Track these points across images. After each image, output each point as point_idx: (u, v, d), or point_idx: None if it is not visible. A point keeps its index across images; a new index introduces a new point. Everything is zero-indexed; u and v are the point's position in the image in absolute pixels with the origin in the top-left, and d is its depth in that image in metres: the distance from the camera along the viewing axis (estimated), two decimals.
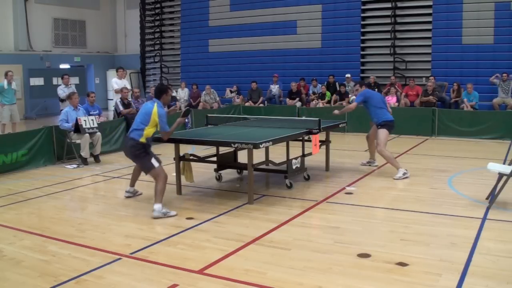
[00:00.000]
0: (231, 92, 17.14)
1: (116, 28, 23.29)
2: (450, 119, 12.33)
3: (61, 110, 10.47)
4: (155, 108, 5.89)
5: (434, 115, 12.38)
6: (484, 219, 5.54)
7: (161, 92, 6.07)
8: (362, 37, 16.18)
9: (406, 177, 7.68)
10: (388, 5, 15.58)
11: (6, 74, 12.53)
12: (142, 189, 7.44)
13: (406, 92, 14.06)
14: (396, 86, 14.35)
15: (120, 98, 11.67)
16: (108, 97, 20.85)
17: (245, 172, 7.68)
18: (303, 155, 7.29)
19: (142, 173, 6.43)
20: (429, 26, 15.04)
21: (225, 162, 7.63)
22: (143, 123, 5.93)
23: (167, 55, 20.62)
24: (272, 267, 4.27)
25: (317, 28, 16.74)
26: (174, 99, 14.76)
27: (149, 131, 5.97)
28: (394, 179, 7.64)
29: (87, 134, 9.29)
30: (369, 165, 8.73)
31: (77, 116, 9.39)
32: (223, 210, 6.04)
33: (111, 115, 14.50)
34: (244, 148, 6.16)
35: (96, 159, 9.62)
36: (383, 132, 7.98)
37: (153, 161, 5.94)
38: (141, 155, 5.98)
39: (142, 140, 5.94)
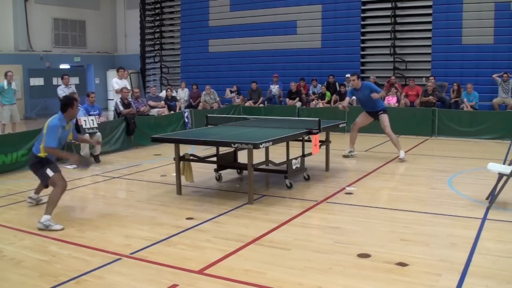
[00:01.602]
0: (231, 92, 17.13)
1: (116, 28, 23.29)
2: (450, 119, 12.33)
3: None
4: (49, 120, 5.65)
5: (434, 115, 12.38)
6: (484, 219, 5.54)
7: (66, 105, 5.69)
8: (362, 37, 16.18)
9: (405, 160, 8.91)
10: (388, 5, 15.58)
11: (6, 74, 12.53)
12: (142, 188, 7.46)
13: (406, 92, 14.05)
14: (396, 86, 14.36)
15: (120, 98, 11.67)
16: (108, 97, 20.85)
17: (245, 172, 7.68)
18: (303, 155, 7.29)
19: None
20: (429, 26, 15.04)
21: (225, 162, 7.63)
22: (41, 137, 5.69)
23: (167, 55, 20.62)
24: (272, 267, 4.27)
25: (317, 28, 16.74)
26: (174, 99, 14.76)
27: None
28: (400, 158, 8.93)
29: (87, 134, 9.29)
30: (351, 156, 9.40)
31: (77, 116, 9.38)
32: (223, 210, 6.05)
33: (111, 115, 14.51)
34: (244, 148, 6.16)
35: (96, 159, 9.62)
36: (386, 117, 9.08)
37: (48, 171, 5.63)
38: (36, 167, 5.71)
39: (41, 154, 5.65)
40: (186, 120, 13.22)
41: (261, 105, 15.59)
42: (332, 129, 8.80)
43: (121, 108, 11.52)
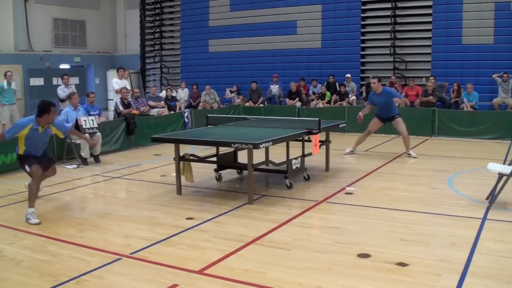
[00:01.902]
0: (231, 92, 17.13)
1: (116, 28, 23.28)
2: (450, 119, 12.33)
3: (61, 110, 10.48)
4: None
5: (434, 115, 12.38)
6: (484, 219, 5.54)
7: (42, 111, 5.90)
8: (362, 37, 16.17)
9: (415, 157, 9.29)
10: (388, 5, 15.58)
11: (5, 74, 12.53)
12: (142, 188, 7.47)
13: (406, 92, 14.04)
14: (396, 86, 14.35)
15: (120, 98, 11.68)
16: (108, 97, 20.84)
17: (245, 172, 7.68)
18: (303, 155, 7.29)
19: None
20: (429, 26, 15.04)
21: (225, 162, 7.63)
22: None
23: (167, 55, 20.62)
24: (272, 267, 4.27)
25: (317, 28, 16.74)
26: (174, 99, 14.76)
27: (21, 144, 6.03)
28: (410, 156, 9.36)
29: (87, 134, 9.28)
30: (352, 153, 9.87)
31: (77, 116, 9.40)
32: (223, 210, 6.05)
33: (111, 115, 14.51)
34: (244, 148, 6.16)
35: (96, 159, 9.62)
36: (402, 121, 9.45)
37: (26, 167, 5.98)
38: (21, 166, 6.12)
39: (20, 152, 6.08)
40: (186, 120, 13.22)
41: (261, 105, 15.58)
42: (332, 129, 8.80)
43: (121, 108, 11.52)
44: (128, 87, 13.00)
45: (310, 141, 7.28)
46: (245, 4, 17.93)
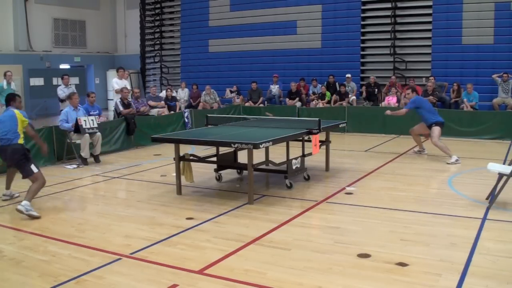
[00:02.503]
0: (231, 92, 17.13)
1: (116, 28, 23.29)
2: (450, 119, 12.28)
3: (61, 110, 10.47)
4: (17, 113, 6.38)
5: None
6: (484, 219, 5.54)
7: (9, 100, 6.57)
8: (362, 37, 16.17)
9: (459, 163, 8.74)
10: (388, 5, 15.58)
11: (5, 74, 12.53)
12: (142, 188, 7.46)
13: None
14: (396, 87, 14.35)
15: (120, 98, 11.68)
16: (108, 97, 20.84)
17: (245, 172, 7.68)
18: (303, 155, 7.29)
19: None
20: (429, 26, 15.04)
21: (225, 162, 7.63)
22: (13, 128, 6.28)
23: (167, 55, 20.62)
24: (272, 267, 4.27)
25: (317, 28, 16.74)
26: (174, 99, 14.76)
27: (22, 132, 6.37)
28: (448, 163, 8.74)
29: (87, 134, 9.29)
30: (420, 153, 9.81)
31: (77, 116, 9.39)
32: (223, 210, 6.05)
33: (111, 115, 14.51)
34: (244, 148, 6.16)
35: (96, 159, 9.62)
36: (436, 129, 9.23)
37: (33, 167, 6.17)
38: (21, 160, 6.19)
39: (21, 141, 6.30)
40: (186, 120, 13.22)
41: (261, 105, 15.58)
42: (332, 129, 8.80)
43: (121, 108, 11.52)
44: (128, 87, 13.01)
45: (310, 141, 7.27)
46: (245, 4, 17.93)
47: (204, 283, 3.98)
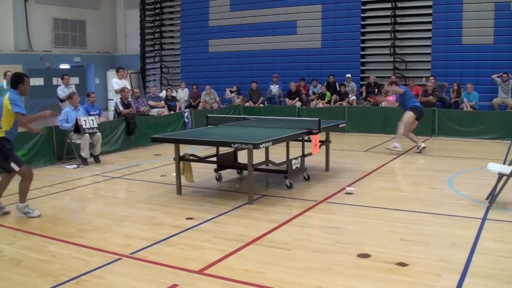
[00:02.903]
0: (231, 92, 17.13)
1: (116, 28, 23.28)
2: (450, 119, 12.33)
3: (61, 110, 10.47)
4: (6, 96, 5.62)
5: (434, 115, 12.38)
6: (484, 219, 5.54)
7: (16, 82, 5.70)
8: (362, 37, 16.17)
9: (398, 150, 9.77)
10: (388, 5, 15.57)
11: (5, 74, 12.52)
12: (142, 188, 7.46)
13: None
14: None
15: (120, 98, 11.68)
16: (108, 97, 20.84)
17: (245, 172, 7.68)
18: (303, 155, 7.29)
19: None
20: (429, 26, 15.04)
21: (225, 162, 7.63)
22: None
23: (167, 55, 20.62)
24: (272, 267, 4.27)
25: (317, 28, 16.73)
26: (174, 99, 14.76)
27: (5, 123, 5.62)
28: (387, 148, 9.98)
29: (87, 134, 9.29)
30: (420, 151, 9.89)
31: (77, 116, 9.39)
32: (223, 210, 6.05)
33: (111, 115, 14.51)
34: (244, 148, 6.16)
35: (96, 159, 9.62)
36: (410, 114, 9.85)
37: (13, 165, 5.65)
38: (2, 154, 5.62)
39: (1, 134, 5.60)
40: (186, 120, 13.22)
41: (261, 105, 15.58)
42: (332, 129, 8.80)
43: (121, 108, 11.52)
44: (128, 87, 13.02)
45: (310, 141, 7.28)
46: (245, 4, 17.93)
47: (204, 283, 3.98)
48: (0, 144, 5.60)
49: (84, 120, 9.40)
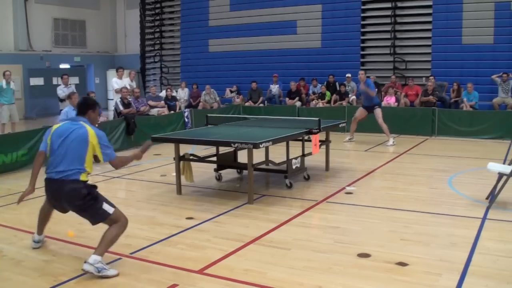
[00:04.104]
0: (231, 92, 17.13)
1: (116, 28, 23.27)
2: (450, 119, 12.33)
3: (61, 110, 10.47)
4: (90, 130, 4.41)
5: (434, 115, 12.38)
6: (484, 219, 5.54)
7: (87, 107, 4.54)
8: (362, 37, 16.16)
9: (394, 144, 10.69)
10: (388, 5, 15.56)
11: (4, 74, 12.53)
12: (142, 188, 7.46)
13: (406, 92, 14.05)
14: (395, 88, 14.34)
15: (120, 98, 11.67)
16: (108, 97, 20.85)
17: (245, 172, 7.68)
18: (303, 155, 7.29)
19: None
20: (429, 26, 15.03)
21: (225, 162, 7.63)
22: (80, 156, 4.41)
23: (167, 55, 20.60)
24: (272, 267, 4.27)
25: (317, 28, 16.72)
26: (174, 99, 14.76)
27: (89, 164, 4.52)
28: (387, 146, 10.65)
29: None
30: (350, 141, 11.35)
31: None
32: (223, 210, 6.04)
33: (111, 115, 14.50)
34: (244, 148, 6.16)
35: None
36: (379, 111, 10.97)
37: (106, 206, 4.30)
38: (87, 203, 4.26)
39: (83, 178, 4.36)
40: (186, 120, 13.21)
41: (261, 105, 15.58)
42: (332, 129, 8.79)
43: (121, 108, 11.52)
44: (134, 86, 13.07)
45: (310, 141, 7.28)
46: (245, 4, 17.92)
47: (204, 283, 3.98)
48: (87, 192, 4.30)
49: None
